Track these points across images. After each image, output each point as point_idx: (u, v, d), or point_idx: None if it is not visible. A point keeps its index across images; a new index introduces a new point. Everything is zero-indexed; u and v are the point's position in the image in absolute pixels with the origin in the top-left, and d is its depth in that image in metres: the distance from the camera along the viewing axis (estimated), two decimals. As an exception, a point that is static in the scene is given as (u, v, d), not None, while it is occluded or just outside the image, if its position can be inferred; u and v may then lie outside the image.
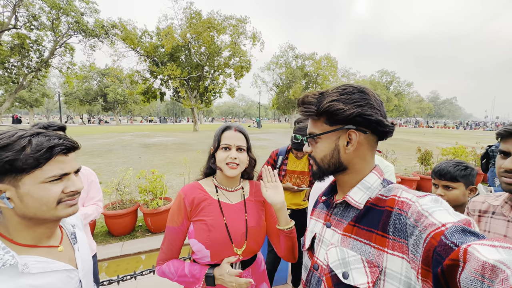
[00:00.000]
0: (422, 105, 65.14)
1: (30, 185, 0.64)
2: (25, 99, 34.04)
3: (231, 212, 1.07)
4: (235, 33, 23.69)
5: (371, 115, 0.65)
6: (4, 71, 15.70)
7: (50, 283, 0.70)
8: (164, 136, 20.02)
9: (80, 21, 15.72)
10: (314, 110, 0.70)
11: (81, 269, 0.82)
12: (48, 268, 0.71)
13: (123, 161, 8.84)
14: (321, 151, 0.72)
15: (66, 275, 0.76)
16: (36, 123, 1.57)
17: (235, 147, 1.05)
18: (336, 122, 0.68)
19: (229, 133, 1.07)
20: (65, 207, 0.71)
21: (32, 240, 0.71)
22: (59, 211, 0.70)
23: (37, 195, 0.65)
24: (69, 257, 0.81)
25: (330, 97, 0.68)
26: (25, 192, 0.64)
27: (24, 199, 0.64)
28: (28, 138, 0.64)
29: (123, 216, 3.55)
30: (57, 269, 0.73)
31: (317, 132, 0.72)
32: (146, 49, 22.51)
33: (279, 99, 36.71)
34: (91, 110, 51.57)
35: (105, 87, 39.69)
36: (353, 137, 0.67)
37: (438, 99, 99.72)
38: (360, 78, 45.41)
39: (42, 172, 0.65)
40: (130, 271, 2.86)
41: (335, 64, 33.66)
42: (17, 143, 0.63)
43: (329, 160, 0.71)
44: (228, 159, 1.03)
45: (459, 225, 0.45)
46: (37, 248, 0.72)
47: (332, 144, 0.70)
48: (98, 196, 1.84)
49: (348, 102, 0.66)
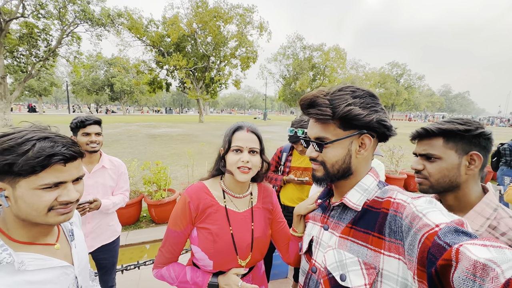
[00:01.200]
0: (433, 99, 63.44)
1: (24, 189, 0.64)
2: (34, 88, 34.53)
3: (238, 222, 1.01)
4: (241, 22, 23.24)
5: (386, 121, 0.66)
6: (13, 60, 15.90)
7: (46, 280, 0.71)
8: (170, 127, 20.13)
9: (86, 10, 15.66)
10: (329, 113, 0.65)
11: (77, 266, 0.83)
12: (44, 265, 0.72)
13: (129, 152, 8.96)
14: (333, 157, 0.69)
15: (62, 271, 0.77)
16: (76, 117, 1.69)
17: (247, 149, 0.95)
18: (352, 127, 0.66)
19: (241, 134, 0.97)
20: (56, 214, 0.69)
21: (28, 237, 0.72)
22: (49, 218, 0.69)
23: (29, 200, 0.65)
24: (65, 254, 0.82)
25: (345, 100, 0.65)
26: (19, 195, 0.64)
27: (18, 201, 0.65)
28: (33, 143, 0.64)
29: (128, 207, 3.60)
30: (53, 266, 0.74)
31: (330, 137, 0.68)
32: (152, 39, 22.35)
33: (285, 91, 36.29)
34: (98, 99, 52.01)
35: (112, 77, 39.81)
36: (366, 142, 0.67)
37: (450, 93, 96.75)
38: (369, 70, 44.29)
39: (37, 179, 0.64)
40: (134, 260, 2.92)
41: (344, 55, 32.85)
42: (21, 146, 0.63)
43: (340, 166, 0.69)
44: (239, 162, 0.94)
45: (452, 226, 0.46)
46: (34, 246, 0.73)
47: (345, 149, 0.68)
48: (125, 186, 1.97)
49: (364, 106, 0.65)
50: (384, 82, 48.51)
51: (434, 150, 0.86)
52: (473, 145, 0.82)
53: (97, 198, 1.65)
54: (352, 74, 39.00)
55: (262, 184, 1.16)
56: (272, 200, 1.14)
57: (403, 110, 62.06)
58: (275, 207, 1.14)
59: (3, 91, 14.43)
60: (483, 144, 0.82)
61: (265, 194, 1.13)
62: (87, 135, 1.67)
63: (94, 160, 1.78)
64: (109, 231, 1.86)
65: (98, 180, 1.78)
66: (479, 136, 0.81)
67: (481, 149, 0.82)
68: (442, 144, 0.85)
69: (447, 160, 0.84)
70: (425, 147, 0.89)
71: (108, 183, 1.82)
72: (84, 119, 1.68)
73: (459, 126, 0.82)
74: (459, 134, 0.82)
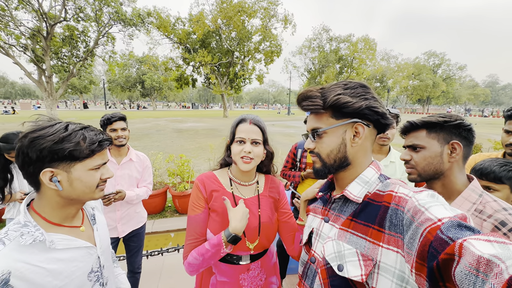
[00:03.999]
0: (476, 91, 56.95)
1: (81, 171, 0.76)
2: (75, 86, 37.82)
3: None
4: (266, 16, 23.00)
5: (377, 107, 0.67)
6: (58, 60, 17.53)
7: (73, 258, 0.80)
8: (196, 121, 20.82)
9: (119, 11, 16.67)
10: (320, 104, 0.68)
11: (99, 247, 0.91)
12: (71, 245, 0.81)
13: (157, 145, 9.44)
14: (328, 146, 0.70)
15: (86, 251, 0.86)
16: (104, 115, 1.88)
17: (249, 140, 1.01)
18: (344, 116, 0.68)
19: (244, 126, 1.03)
20: (99, 190, 0.83)
21: (60, 219, 0.82)
22: (96, 193, 0.82)
23: (85, 180, 0.78)
24: (89, 235, 0.91)
25: (335, 91, 0.67)
26: (76, 177, 0.76)
27: (74, 183, 0.76)
28: (81, 132, 0.76)
29: (153, 197, 3.84)
30: (78, 246, 0.83)
31: (323, 127, 0.70)
32: (179, 36, 23.11)
33: (310, 85, 35.32)
34: (131, 96, 55.41)
35: (143, 74, 42.06)
36: (360, 130, 0.68)
37: (497, 84, 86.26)
38: (402, 61, 41.29)
39: (91, 161, 0.78)
40: (158, 247, 3.12)
41: (373, 46, 31.04)
42: (73, 135, 0.74)
43: (336, 155, 0.70)
44: (242, 152, 1.00)
45: (455, 220, 0.45)
46: (62, 227, 0.82)
47: (339, 138, 0.69)
48: (149, 179, 2.13)
49: (354, 95, 0.66)
50: (419, 73, 44.98)
51: (418, 140, 0.94)
52: (453, 135, 0.90)
53: (121, 190, 1.82)
54: (383, 65, 36.74)
55: (269, 176, 1.20)
56: (278, 190, 1.18)
57: (440, 104, 57.04)
58: (282, 197, 1.18)
59: (50, 90, 16.03)
60: (464, 135, 0.90)
61: (272, 184, 1.17)
62: (114, 130, 1.84)
63: (122, 153, 1.96)
64: (136, 218, 2.04)
65: (126, 171, 1.95)
66: (459, 127, 0.89)
67: (462, 139, 0.90)
68: (425, 134, 0.93)
69: (431, 149, 0.92)
70: (411, 139, 0.97)
71: (134, 174, 1.99)
72: (110, 116, 1.84)
73: (439, 118, 0.91)
74: (439, 124, 0.91)
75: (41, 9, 14.51)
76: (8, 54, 14.40)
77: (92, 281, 0.87)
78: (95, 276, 0.88)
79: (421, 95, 46.18)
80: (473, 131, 0.91)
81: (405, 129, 1.00)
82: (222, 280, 1.04)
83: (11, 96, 67.59)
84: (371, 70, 33.65)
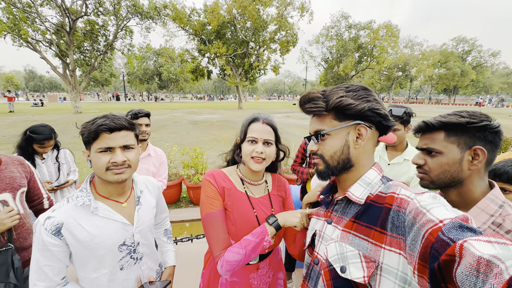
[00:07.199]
0: (511, 79, 52.48)
1: (92, 152, 0.90)
2: (97, 79, 39.46)
3: (257, 205, 1.06)
4: (281, 4, 22.37)
5: (380, 109, 0.67)
6: (80, 54, 18.29)
7: (108, 228, 0.94)
8: (211, 113, 21.04)
9: (136, 4, 16.97)
10: (322, 106, 0.68)
11: (136, 226, 1.02)
12: (110, 216, 0.94)
13: (173, 137, 9.69)
14: (331, 148, 0.70)
15: (122, 226, 0.97)
16: (130, 110, 2.00)
17: (261, 140, 0.99)
18: (346, 118, 0.68)
19: (257, 126, 1.00)
20: (111, 174, 0.90)
21: (105, 193, 0.97)
22: (107, 175, 0.91)
23: (94, 161, 0.90)
24: (129, 214, 1.02)
25: (338, 93, 0.68)
26: (92, 157, 0.91)
27: (92, 163, 0.91)
28: (96, 120, 0.90)
29: (169, 188, 3.96)
30: (116, 219, 0.96)
31: (326, 129, 0.70)
32: (194, 28, 23.15)
33: (327, 75, 34.41)
34: (149, 88, 56.78)
35: (160, 67, 42.90)
36: (362, 132, 0.68)
37: (535, 72, 79.04)
38: (427, 48, 38.68)
39: (96, 144, 0.89)
40: (173, 236, 3.24)
41: (396, 33, 29.32)
42: (90, 123, 0.90)
43: (339, 157, 0.70)
44: (254, 153, 0.97)
45: (456, 221, 0.46)
46: (108, 200, 0.97)
47: (342, 140, 0.69)
48: (164, 174, 2.22)
49: (356, 97, 0.67)
50: (446, 61, 42.02)
51: (435, 144, 0.81)
52: (477, 139, 0.76)
53: None
54: (406, 53, 34.71)
55: (276, 174, 1.21)
56: (285, 189, 1.19)
57: (468, 94, 53.26)
58: (287, 195, 1.19)
59: (74, 83, 16.82)
60: (490, 138, 0.75)
61: (279, 183, 1.18)
62: (139, 125, 1.89)
63: (142, 148, 2.04)
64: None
65: (144, 166, 2.05)
66: (484, 129, 0.75)
67: (486, 143, 0.76)
68: (443, 138, 0.80)
69: (448, 155, 0.79)
70: (426, 141, 0.85)
71: (151, 169, 2.09)
72: (137, 112, 1.95)
73: (461, 118, 0.76)
74: (461, 126, 0.76)
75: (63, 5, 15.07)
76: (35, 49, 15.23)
77: (124, 253, 0.98)
78: (128, 249, 0.99)
79: (447, 84, 43.30)
80: (500, 133, 0.76)
81: (419, 129, 0.88)
82: (232, 280, 1.04)
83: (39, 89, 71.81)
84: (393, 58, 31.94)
